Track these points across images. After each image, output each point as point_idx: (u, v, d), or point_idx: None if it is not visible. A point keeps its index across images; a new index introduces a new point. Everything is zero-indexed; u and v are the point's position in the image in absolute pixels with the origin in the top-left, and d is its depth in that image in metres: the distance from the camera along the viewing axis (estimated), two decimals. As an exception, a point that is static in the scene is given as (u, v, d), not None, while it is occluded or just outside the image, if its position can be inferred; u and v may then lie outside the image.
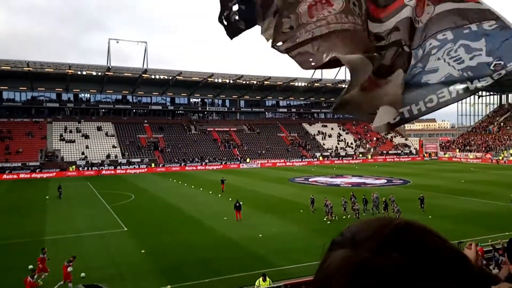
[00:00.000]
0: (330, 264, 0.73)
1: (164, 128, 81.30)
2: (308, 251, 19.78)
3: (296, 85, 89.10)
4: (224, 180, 41.05)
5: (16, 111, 75.20)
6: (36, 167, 61.15)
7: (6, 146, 64.52)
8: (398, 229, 0.72)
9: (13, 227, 25.92)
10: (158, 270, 17.53)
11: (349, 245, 0.73)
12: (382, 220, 0.76)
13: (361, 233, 0.74)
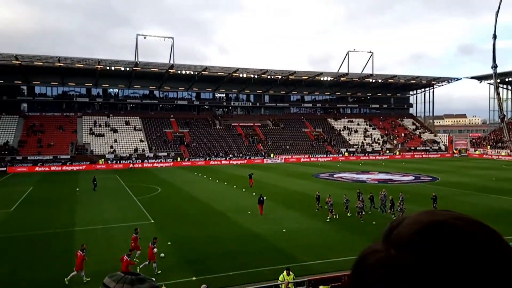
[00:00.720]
0: (363, 254, 0.72)
1: (190, 123, 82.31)
2: (332, 247, 19.69)
3: (321, 80, 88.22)
4: (252, 174, 41.00)
5: (48, 105, 77.89)
6: (67, 160, 63.23)
7: (38, 139, 66.97)
8: (427, 228, 0.69)
9: (45, 218, 26.93)
10: (183, 261, 17.85)
11: (383, 239, 0.72)
12: (424, 215, 0.72)
13: (399, 228, 0.71)
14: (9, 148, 63.58)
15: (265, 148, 78.08)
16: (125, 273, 1.11)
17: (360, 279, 0.69)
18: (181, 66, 75.71)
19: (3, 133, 66.87)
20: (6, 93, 73.63)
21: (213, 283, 14.72)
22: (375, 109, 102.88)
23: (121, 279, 1.08)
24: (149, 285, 1.10)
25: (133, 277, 1.10)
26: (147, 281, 1.11)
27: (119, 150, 68.98)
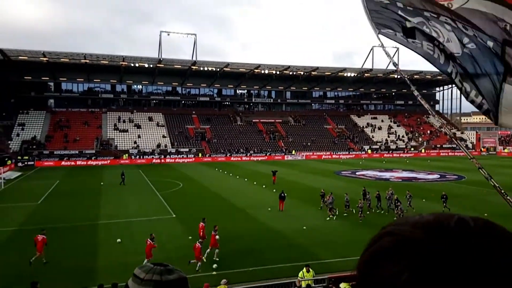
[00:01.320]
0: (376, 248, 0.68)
1: (211, 119, 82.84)
2: (353, 245, 19.41)
3: (344, 76, 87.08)
4: (276, 172, 40.55)
5: (74, 101, 79.83)
6: (92, 154, 64.73)
7: (64, 134, 68.80)
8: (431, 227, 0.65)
9: (70, 211, 27.64)
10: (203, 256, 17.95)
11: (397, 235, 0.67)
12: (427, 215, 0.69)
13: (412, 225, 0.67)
14: (36, 142, 65.60)
15: (286, 145, 77.79)
16: (154, 264, 1.16)
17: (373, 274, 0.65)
18: (203, 63, 76.19)
19: (31, 128, 69.03)
20: (34, 89, 75.93)
21: (233, 278, 14.77)
22: (400, 105, 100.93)
23: (150, 270, 1.13)
24: (177, 275, 1.14)
25: (162, 268, 1.15)
26: (176, 272, 1.15)
27: (142, 146, 70.14)
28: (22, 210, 27.95)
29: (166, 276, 1.12)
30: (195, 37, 75.75)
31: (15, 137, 66.10)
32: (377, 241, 0.71)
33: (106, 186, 39.11)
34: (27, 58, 67.10)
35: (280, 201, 27.21)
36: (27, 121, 70.45)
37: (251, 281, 15.01)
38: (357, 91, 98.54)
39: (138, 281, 1.12)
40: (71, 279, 15.08)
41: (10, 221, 24.63)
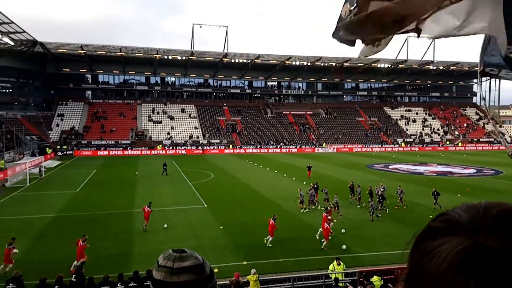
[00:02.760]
0: (441, 253, 0.65)
1: (242, 111, 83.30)
2: (384, 240, 19.24)
3: (378, 67, 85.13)
4: (311, 167, 39.71)
5: (110, 93, 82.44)
6: (127, 145, 66.76)
7: (101, 125, 71.22)
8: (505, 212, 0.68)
9: (107, 199, 28.78)
10: (235, 246, 18.33)
11: (462, 233, 0.67)
12: (490, 204, 0.72)
13: (472, 219, 0.68)
14: (75, 132, 68.30)
15: (317, 137, 77.20)
16: (173, 251, 1.20)
17: (438, 271, 0.63)
18: (234, 55, 76.50)
19: (70, 119, 71.88)
20: (72, 81, 78.88)
21: (262, 269, 15.00)
22: (435, 97, 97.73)
23: (168, 256, 1.18)
24: (191, 262, 1.17)
25: (177, 254, 1.19)
26: (190, 258, 1.18)
27: (175, 137, 71.59)
28: (61, 197, 29.32)
29: (178, 263, 1.15)
30: (226, 29, 76.08)
31: (55, 127, 69.08)
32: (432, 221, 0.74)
33: (141, 175, 40.32)
34: (66, 50, 69.65)
35: (315, 192, 27.40)
36: (66, 112, 73.40)
37: (280, 272, 15.19)
38: (390, 82, 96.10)
39: (156, 266, 1.18)
40: (108, 265, 15.76)
41: (51, 207, 25.92)
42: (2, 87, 70.31)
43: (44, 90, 77.08)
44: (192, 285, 1.14)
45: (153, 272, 1.18)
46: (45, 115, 72.10)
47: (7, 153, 47.52)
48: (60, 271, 12.61)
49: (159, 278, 1.15)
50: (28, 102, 73.49)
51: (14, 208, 25.97)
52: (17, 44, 60.11)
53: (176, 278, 1.14)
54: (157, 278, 1.15)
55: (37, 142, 61.23)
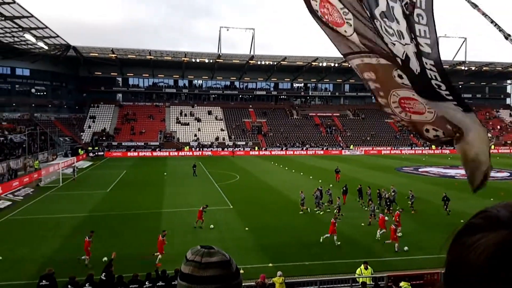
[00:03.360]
0: (480, 247, 0.68)
1: (267, 113, 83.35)
2: (414, 244, 18.76)
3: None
4: (339, 171, 38.94)
5: (140, 96, 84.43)
6: (156, 146, 68.10)
7: (131, 127, 72.95)
8: None
9: (136, 199, 29.41)
10: (260, 248, 18.34)
11: (501, 227, 0.69)
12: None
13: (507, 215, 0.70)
14: (106, 134, 70.25)
15: (344, 139, 76.26)
16: (202, 247, 1.24)
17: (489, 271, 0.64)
18: (260, 57, 76.69)
19: (101, 121, 74.02)
20: (104, 84, 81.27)
21: (288, 271, 14.93)
22: (467, 99, 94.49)
23: (196, 252, 1.23)
24: (219, 258, 1.20)
25: (205, 250, 1.23)
26: (218, 255, 1.21)
27: (202, 138, 72.44)
28: (92, 197, 30.20)
29: (206, 258, 1.19)
30: (253, 31, 76.38)
31: (87, 129, 71.28)
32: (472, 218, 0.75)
33: (169, 176, 41.01)
34: (97, 54, 71.80)
35: (343, 195, 27.41)
36: (97, 114, 75.63)
37: (306, 275, 15.07)
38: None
39: (184, 261, 1.22)
40: (136, 264, 16.10)
41: (82, 207, 26.74)
42: (37, 90, 73.20)
43: (76, 93, 79.75)
44: (218, 280, 1.17)
45: (181, 266, 1.21)
46: (78, 117, 74.54)
47: (41, 154, 49.37)
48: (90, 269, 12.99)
49: (187, 272, 1.19)
50: (61, 104, 76.21)
51: (48, 207, 26.95)
52: (51, 49, 62.48)
53: (204, 272, 1.17)
54: (185, 272, 1.19)
55: (69, 144, 63.38)
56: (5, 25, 47.71)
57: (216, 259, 1.19)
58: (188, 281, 1.17)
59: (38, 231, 21.01)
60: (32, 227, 21.85)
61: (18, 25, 48.04)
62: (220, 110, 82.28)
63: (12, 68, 68.35)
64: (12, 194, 31.03)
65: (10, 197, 29.96)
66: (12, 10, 42.57)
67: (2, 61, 64.95)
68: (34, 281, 12.69)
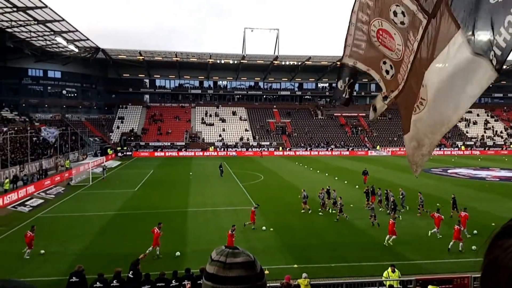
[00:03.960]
0: (508, 223, 0.71)
1: (292, 113, 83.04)
2: (444, 248, 18.26)
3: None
4: (367, 172, 37.75)
5: (167, 97, 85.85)
6: (182, 146, 69.04)
7: (158, 127, 74.26)
8: None
9: (163, 198, 29.90)
10: (285, 248, 18.29)
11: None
12: None
13: None
14: (134, 134, 71.78)
15: (370, 140, 75.06)
16: (226, 247, 1.25)
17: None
18: (285, 57, 76.50)
19: (129, 121, 75.69)
20: (132, 86, 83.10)
21: (314, 273, 14.83)
22: (498, 98, 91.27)
23: (220, 252, 1.24)
24: (243, 259, 1.20)
25: (230, 250, 1.23)
26: (242, 255, 1.22)
27: (226, 139, 72.93)
28: (121, 196, 30.92)
29: (231, 259, 1.20)
30: (277, 31, 76.31)
31: (116, 129, 73.03)
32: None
33: (194, 176, 41.49)
34: (126, 57, 73.45)
35: (371, 196, 27.01)
36: (126, 115, 77.39)
37: (332, 277, 14.93)
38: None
39: (209, 261, 1.23)
40: (163, 261, 16.38)
41: (111, 205, 27.41)
42: (68, 92, 75.55)
43: (105, 94, 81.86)
44: (243, 281, 1.17)
45: (207, 266, 1.22)
46: (107, 118, 76.49)
47: (72, 154, 50.95)
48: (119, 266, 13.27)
49: (212, 272, 1.19)
50: (91, 105, 78.41)
51: (78, 205, 27.79)
52: (81, 51, 64.38)
53: (229, 272, 1.17)
54: (210, 272, 1.20)
55: (99, 144, 65.11)
56: (37, 28, 49.52)
57: (240, 259, 1.19)
58: (212, 281, 1.18)
59: (68, 229, 21.69)
60: (63, 225, 22.59)
61: (50, 28, 49.78)
62: (245, 110, 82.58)
63: (45, 70, 70.84)
64: (44, 192, 32.16)
65: (42, 196, 31.06)
66: (44, 15, 44.12)
67: (35, 64, 67.47)
68: (65, 278, 13.09)
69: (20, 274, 15.05)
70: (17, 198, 28.81)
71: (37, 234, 20.56)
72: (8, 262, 16.52)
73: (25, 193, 30.39)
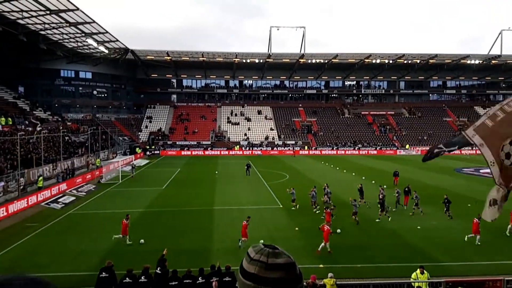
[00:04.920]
0: None
1: (318, 111, 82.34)
2: (476, 249, 17.66)
3: (468, 63, 78.49)
4: (398, 173, 36.29)
5: (193, 96, 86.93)
6: (208, 145, 69.76)
7: (185, 127, 75.31)
8: None
9: (190, 196, 30.29)
10: (310, 248, 18.12)
11: None
12: None
13: None
14: (161, 134, 73.09)
15: (399, 139, 73.45)
16: (265, 246, 1.21)
17: None
18: (311, 55, 75.90)
19: (157, 121, 77.14)
20: (159, 86, 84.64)
21: (340, 273, 14.64)
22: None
23: (260, 250, 1.19)
24: (284, 260, 1.16)
25: (270, 250, 1.19)
26: (283, 255, 1.18)
27: (252, 138, 73.10)
28: (149, 194, 31.53)
29: (272, 259, 1.15)
30: (303, 30, 75.73)
31: (144, 128, 74.59)
32: None
33: (220, 175, 41.82)
34: (154, 57, 74.86)
35: (405, 196, 26.49)
36: (154, 115, 78.94)
37: (358, 278, 14.70)
38: (482, 80, 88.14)
39: (248, 259, 1.17)
40: (189, 259, 16.57)
41: (140, 203, 27.99)
42: (99, 92, 77.73)
43: (134, 94, 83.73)
44: (284, 283, 1.13)
45: (244, 264, 1.17)
46: (135, 118, 78.23)
47: (102, 152, 52.35)
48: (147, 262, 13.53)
49: (253, 272, 1.15)
50: (120, 105, 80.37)
51: (108, 203, 28.54)
52: (111, 52, 66.08)
53: (270, 274, 1.13)
54: (250, 272, 1.15)
55: (128, 143, 66.65)
56: (69, 31, 51.15)
57: (282, 260, 1.15)
58: (253, 281, 1.14)
59: (99, 225, 22.31)
60: (93, 221, 23.25)
61: (81, 30, 51.31)
62: (270, 109, 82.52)
63: (76, 71, 73.14)
64: (76, 190, 33.22)
65: (74, 193, 32.10)
66: (76, 17, 45.51)
67: (67, 65, 69.76)
68: (95, 273, 13.45)
69: (51, 269, 15.59)
70: (50, 195, 29.86)
71: (69, 230, 21.27)
72: (40, 258, 17.14)
73: (58, 190, 31.47)
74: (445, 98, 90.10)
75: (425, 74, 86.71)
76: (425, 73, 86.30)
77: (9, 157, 33.50)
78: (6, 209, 24.50)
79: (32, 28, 47.58)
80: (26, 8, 40.73)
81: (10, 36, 45.35)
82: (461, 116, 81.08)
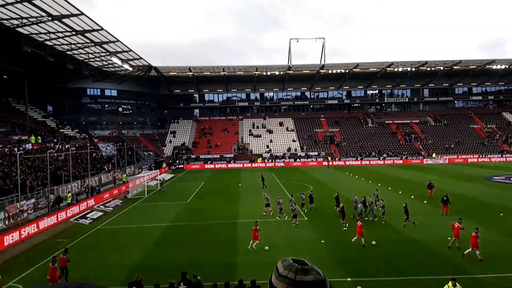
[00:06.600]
0: None
1: (340, 122, 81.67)
2: (508, 261, 16.95)
3: (493, 68, 76.54)
4: (433, 184, 33.98)
5: (215, 110, 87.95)
6: (230, 158, 70.11)
7: (208, 140, 76.06)
8: None
9: (214, 209, 30.40)
10: (337, 261, 17.85)
11: None
12: None
13: None
14: (185, 148, 74.02)
15: (425, 148, 71.85)
16: (294, 261, 1.16)
17: None
18: (331, 66, 75.73)
19: (180, 136, 78.25)
20: (182, 101, 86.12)
21: (368, 287, 14.34)
22: None
23: (289, 266, 1.14)
24: (314, 277, 1.11)
25: (299, 266, 1.13)
26: (312, 272, 1.12)
27: (274, 150, 73.05)
28: (174, 207, 31.85)
29: (301, 276, 1.09)
30: (323, 40, 75.82)
31: (168, 143, 75.77)
32: None
33: (243, 187, 41.87)
34: (176, 73, 76.37)
35: (444, 205, 26.31)
36: (177, 129, 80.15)
37: (387, 291, 14.35)
38: (509, 84, 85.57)
39: (276, 274, 1.13)
40: (215, 273, 16.57)
41: (165, 217, 28.30)
42: (124, 109, 79.69)
43: (158, 110, 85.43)
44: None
45: (273, 279, 1.13)
46: (160, 133, 79.64)
47: (128, 168, 53.38)
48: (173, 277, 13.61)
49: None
50: (145, 121, 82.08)
51: (135, 217, 28.97)
52: (135, 70, 67.83)
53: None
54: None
55: (153, 157, 67.78)
56: (94, 50, 52.89)
57: (311, 278, 1.09)
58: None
59: (126, 240, 22.65)
60: (121, 236, 23.62)
61: (106, 49, 52.97)
62: (291, 121, 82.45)
63: (102, 89, 75.35)
64: (103, 205, 33.91)
65: (101, 208, 32.77)
66: (101, 37, 47.06)
67: (93, 84, 71.98)
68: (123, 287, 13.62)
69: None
70: (79, 211, 30.59)
71: (97, 246, 21.66)
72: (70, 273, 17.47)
73: (86, 206, 32.22)
74: (471, 104, 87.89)
75: (450, 81, 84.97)
76: (449, 80, 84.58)
77: (39, 174, 34.63)
78: (37, 225, 25.24)
79: (59, 49, 49.45)
80: (53, 30, 42.45)
81: (39, 57, 47.26)
82: (489, 123, 78.77)
